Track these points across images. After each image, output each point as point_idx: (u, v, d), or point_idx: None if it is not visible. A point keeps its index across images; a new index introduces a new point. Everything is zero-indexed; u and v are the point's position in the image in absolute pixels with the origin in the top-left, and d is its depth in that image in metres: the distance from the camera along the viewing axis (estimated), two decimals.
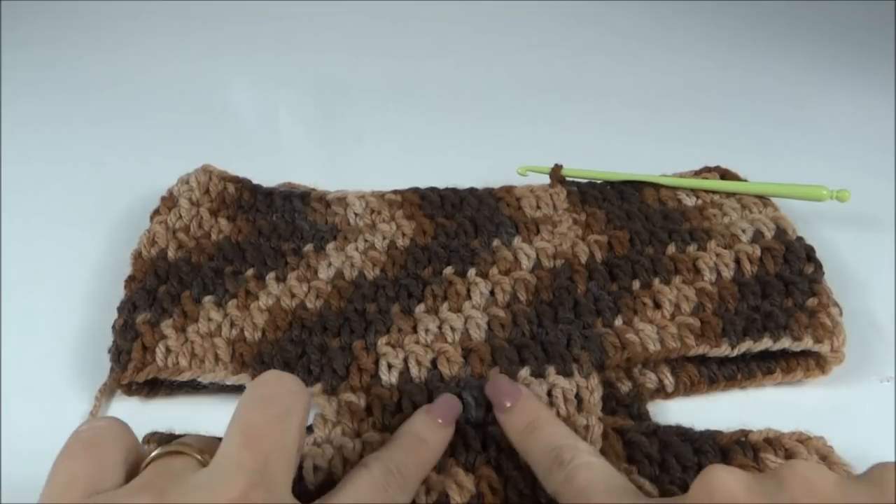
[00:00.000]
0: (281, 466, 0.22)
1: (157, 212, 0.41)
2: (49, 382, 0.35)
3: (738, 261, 0.37)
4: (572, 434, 0.28)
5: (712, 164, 0.45)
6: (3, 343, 0.37)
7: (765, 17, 0.70)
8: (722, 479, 0.22)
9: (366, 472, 0.25)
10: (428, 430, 0.28)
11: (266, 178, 0.44)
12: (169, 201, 0.41)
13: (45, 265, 0.42)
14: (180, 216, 0.40)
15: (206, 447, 0.23)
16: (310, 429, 0.30)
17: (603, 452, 0.29)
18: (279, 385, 0.24)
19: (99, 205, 0.45)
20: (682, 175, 0.44)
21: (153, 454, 0.23)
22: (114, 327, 0.35)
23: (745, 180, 0.43)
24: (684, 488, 0.27)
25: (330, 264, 0.38)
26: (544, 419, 0.29)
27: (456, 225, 0.40)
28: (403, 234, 0.40)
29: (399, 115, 0.56)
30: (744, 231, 0.39)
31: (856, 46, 0.65)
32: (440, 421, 0.29)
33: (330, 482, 0.28)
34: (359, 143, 0.53)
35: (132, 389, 0.34)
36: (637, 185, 0.43)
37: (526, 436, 0.28)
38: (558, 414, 0.30)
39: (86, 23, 0.68)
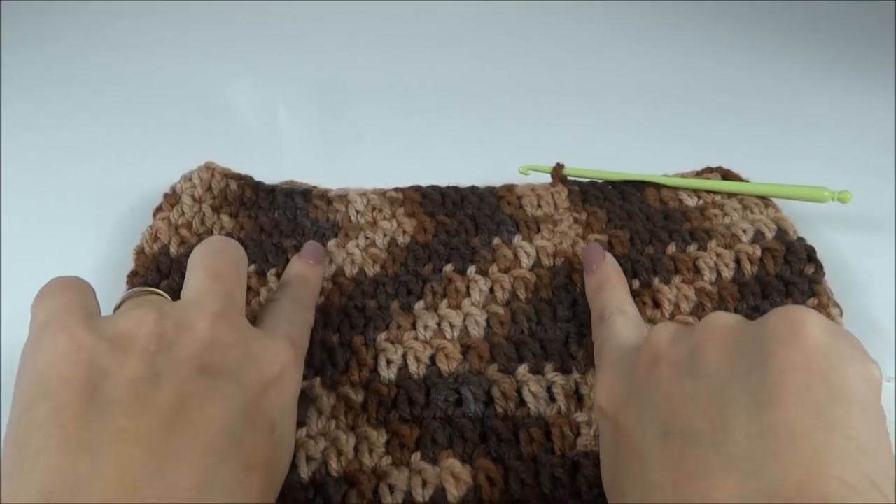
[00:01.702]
0: (240, 299, 0.28)
1: (160, 208, 0.41)
2: None
3: (738, 261, 0.37)
4: (624, 297, 0.33)
5: (714, 165, 0.45)
6: (4, 339, 0.36)
7: (765, 18, 0.70)
8: (657, 333, 0.26)
9: (279, 303, 0.31)
10: (306, 270, 0.34)
11: (266, 177, 0.44)
12: (172, 198, 0.41)
13: (47, 261, 0.41)
14: (183, 213, 0.40)
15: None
16: (304, 422, 0.30)
17: None
18: (227, 243, 0.29)
19: (101, 204, 0.45)
20: (683, 175, 0.45)
21: (126, 293, 0.27)
22: None
23: (747, 181, 0.43)
24: None
25: (331, 261, 0.38)
26: (611, 284, 0.34)
27: (457, 223, 0.40)
28: (404, 232, 0.40)
29: (399, 115, 0.56)
30: (744, 231, 0.39)
31: (856, 46, 0.65)
32: (311, 262, 0.34)
33: (323, 473, 0.28)
34: (359, 143, 0.53)
35: None
36: (638, 185, 0.43)
37: (593, 294, 0.34)
38: (559, 412, 0.31)
39: (86, 23, 0.68)
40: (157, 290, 0.28)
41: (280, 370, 0.26)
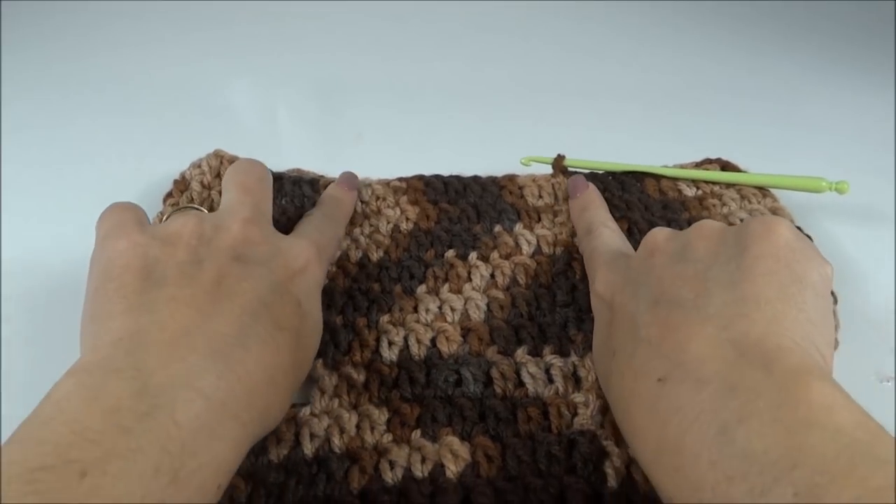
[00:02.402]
0: (267, 209, 0.33)
1: (169, 195, 0.42)
2: (54, 379, 0.34)
3: None
4: (607, 216, 0.38)
5: (714, 156, 0.45)
6: (4, 338, 0.36)
7: (765, 17, 0.70)
8: (653, 233, 0.32)
9: (311, 217, 0.36)
10: (340, 193, 0.40)
11: None
12: (181, 184, 0.42)
13: (47, 261, 0.41)
14: (192, 199, 0.41)
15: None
16: (307, 402, 0.31)
17: (601, 426, 0.30)
18: (253, 163, 0.35)
19: (101, 204, 0.43)
20: (683, 166, 0.45)
21: (169, 211, 0.33)
22: None
23: (746, 172, 0.44)
24: None
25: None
26: (595, 205, 0.39)
27: (459, 210, 0.41)
28: (407, 219, 0.41)
29: (399, 115, 0.57)
30: (742, 221, 0.40)
31: (856, 46, 0.65)
32: (346, 187, 0.40)
33: (326, 449, 0.29)
34: (359, 143, 0.53)
35: None
36: (638, 176, 0.44)
37: (578, 214, 0.39)
38: (556, 392, 0.31)
39: (86, 23, 0.68)
40: (196, 206, 0.34)
41: (304, 263, 0.31)
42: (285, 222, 0.40)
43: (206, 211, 0.32)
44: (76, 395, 0.22)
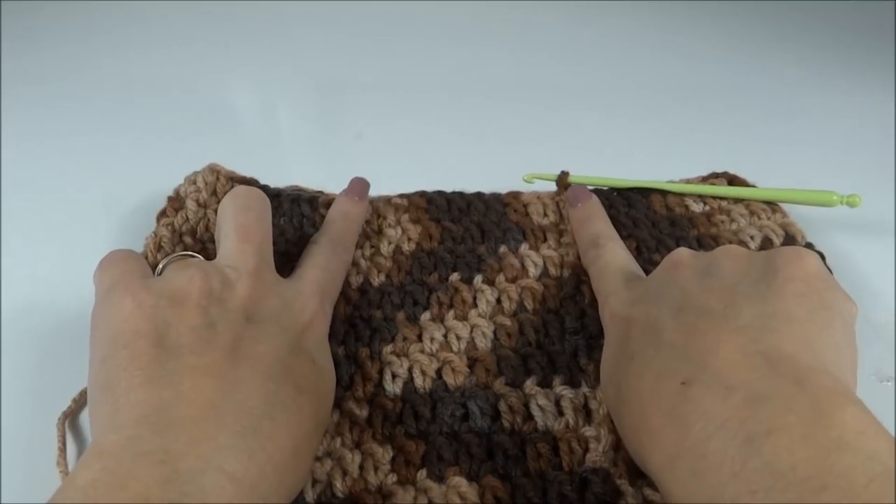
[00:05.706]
0: (269, 253, 0.31)
1: (163, 213, 0.40)
2: (51, 390, 0.34)
3: None
4: (613, 231, 0.37)
5: (718, 168, 0.44)
6: (4, 341, 0.36)
7: (771, 21, 0.70)
8: (677, 251, 0.31)
9: (317, 247, 0.35)
10: (350, 206, 0.38)
11: (267, 177, 0.44)
12: (175, 202, 0.40)
13: (48, 264, 0.41)
14: (187, 218, 0.40)
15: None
16: None
17: (614, 464, 0.29)
18: (251, 195, 0.33)
19: (101, 205, 0.45)
20: (689, 181, 0.44)
21: (167, 259, 0.31)
22: None
23: (754, 186, 0.43)
24: None
25: None
26: (598, 217, 0.38)
27: (462, 230, 0.40)
28: (409, 239, 0.39)
29: (399, 115, 0.56)
30: (752, 238, 0.39)
31: (859, 49, 0.65)
32: (356, 198, 0.38)
33: (328, 494, 0.28)
34: (359, 143, 0.52)
35: None
36: (644, 192, 0.43)
37: (580, 224, 0.38)
38: (567, 426, 0.30)
39: (86, 23, 0.68)
40: (193, 254, 0.32)
41: (311, 316, 0.30)
42: (283, 244, 0.39)
43: (202, 258, 0.31)
44: (103, 483, 0.21)
